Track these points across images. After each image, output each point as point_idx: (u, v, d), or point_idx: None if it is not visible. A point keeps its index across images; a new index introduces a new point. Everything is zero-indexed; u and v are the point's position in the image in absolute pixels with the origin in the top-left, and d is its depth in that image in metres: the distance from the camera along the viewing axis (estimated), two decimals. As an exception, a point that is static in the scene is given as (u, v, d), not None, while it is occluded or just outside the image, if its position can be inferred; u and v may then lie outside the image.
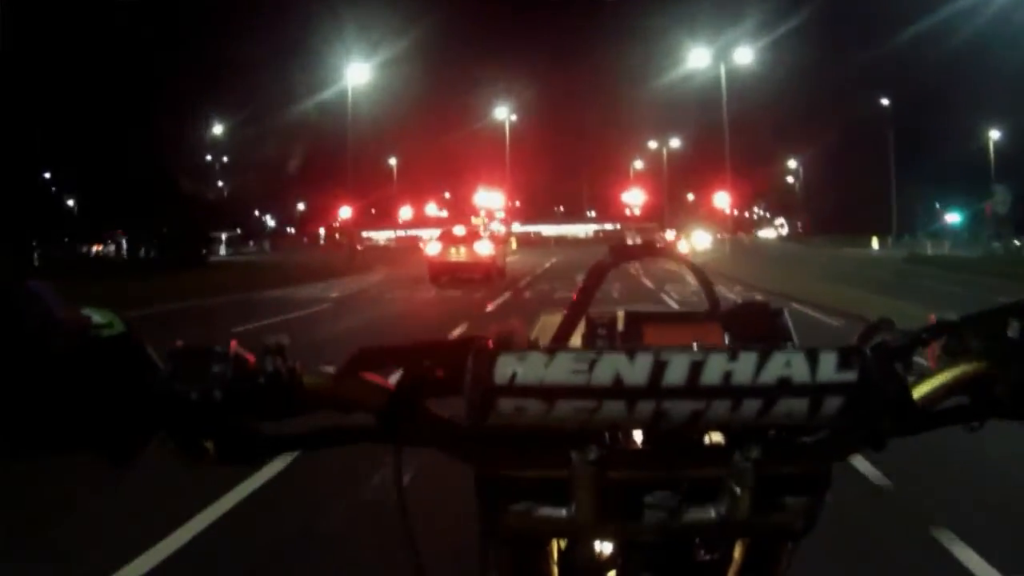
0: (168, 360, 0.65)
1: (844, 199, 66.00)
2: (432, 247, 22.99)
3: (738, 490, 0.66)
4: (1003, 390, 0.67)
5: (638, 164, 78.07)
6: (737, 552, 0.75)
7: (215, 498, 3.99)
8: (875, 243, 48.13)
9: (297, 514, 3.87)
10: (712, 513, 0.67)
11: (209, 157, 68.68)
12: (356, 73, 37.77)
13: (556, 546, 0.79)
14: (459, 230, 23.95)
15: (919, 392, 0.68)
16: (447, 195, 67.94)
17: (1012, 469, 4.38)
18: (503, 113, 57.15)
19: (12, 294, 0.59)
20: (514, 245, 55.59)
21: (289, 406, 0.67)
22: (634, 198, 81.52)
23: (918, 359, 0.70)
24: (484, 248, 22.65)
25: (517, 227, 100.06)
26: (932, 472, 4.22)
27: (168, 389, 0.64)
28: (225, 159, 69.03)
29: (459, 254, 22.48)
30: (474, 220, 23.93)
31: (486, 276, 21.83)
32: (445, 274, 21.70)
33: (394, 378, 0.69)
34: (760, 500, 0.67)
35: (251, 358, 0.67)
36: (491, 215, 64.50)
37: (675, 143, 72.54)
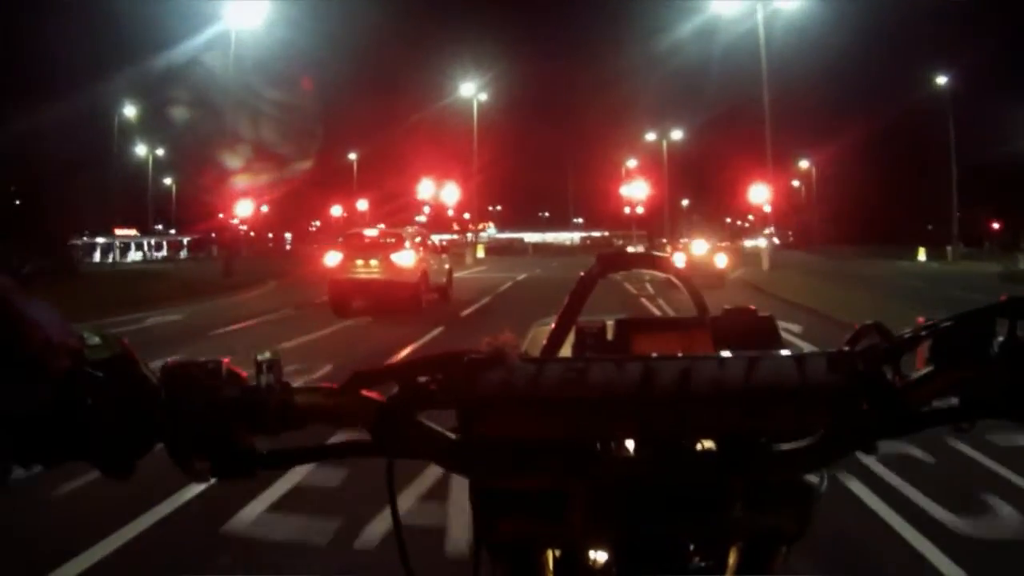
0: (162, 377, 0.65)
1: (869, 203, 58.13)
2: (331, 257, 15.49)
3: (731, 496, 0.67)
4: (993, 390, 0.66)
5: (632, 163, 67.83)
6: (732, 557, 0.75)
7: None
8: (922, 255, 40.49)
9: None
10: (705, 519, 0.68)
11: (144, 149, 61.73)
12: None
13: (551, 555, 0.78)
14: (371, 233, 16.49)
15: (909, 394, 0.67)
16: (425, 192, 59.09)
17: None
18: (469, 90, 48.29)
19: (13, 316, 0.60)
20: (480, 253, 47.91)
21: (282, 421, 0.67)
22: (636, 192, 63.08)
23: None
24: (406, 259, 15.22)
25: (491, 232, 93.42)
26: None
27: (162, 406, 0.64)
28: (160, 151, 61.84)
29: (370, 269, 15.09)
30: (407, 230, 17.18)
31: (412, 300, 14.97)
32: (351, 296, 15.05)
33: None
34: (753, 505, 0.68)
35: (243, 374, 0.67)
36: (446, 215, 56.32)
37: (676, 135, 60.77)
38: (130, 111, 52.69)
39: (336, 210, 61.58)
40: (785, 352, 0.67)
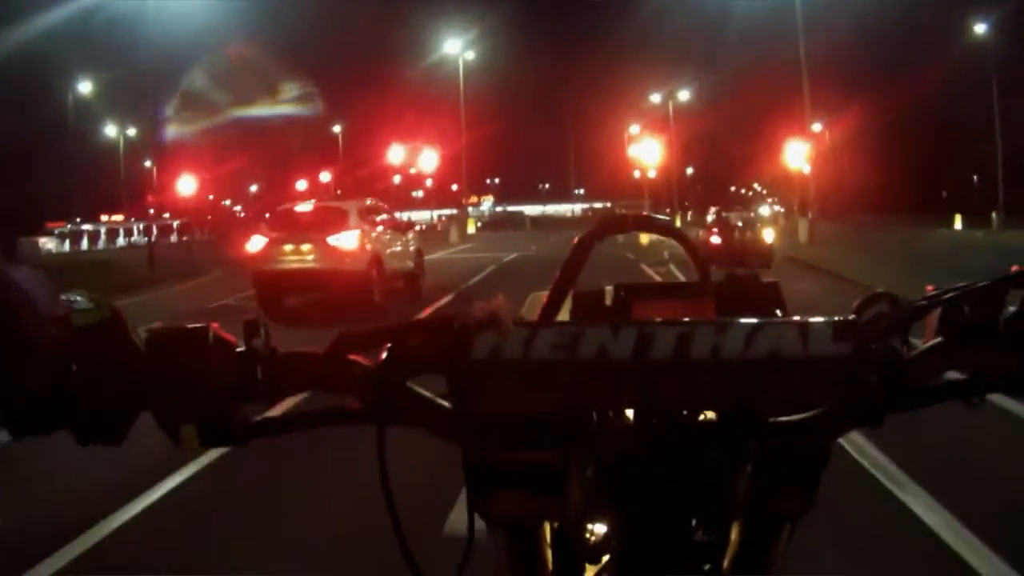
0: (147, 343, 0.64)
1: (890, 170, 53.88)
2: (254, 243, 12.05)
3: (734, 470, 0.65)
4: (1004, 364, 0.63)
5: (634, 128, 62.69)
6: (734, 533, 0.72)
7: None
8: (958, 223, 36.51)
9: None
10: (707, 493, 0.66)
11: (113, 132, 58.10)
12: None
13: (549, 528, 0.76)
14: (305, 209, 13.00)
15: (917, 366, 0.64)
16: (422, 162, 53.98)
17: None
18: (454, 48, 42.37)
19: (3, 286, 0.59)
20: (471, 228, 44.14)
21: (271, 388, 0.65)
22: (646, 154, 50.24)
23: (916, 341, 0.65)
24: (349, 241, 11.80)
25: (488, 206, 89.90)
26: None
27: (148, 372, 0.63)
28: (132, 131, 58.22)
29: (303, 256, 11.69)
30: (352, 204, 13.15)
31: (362, 292, 11.53)
32: (283, 291, 11.75)
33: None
34: (757, 480, 0.66)
35: (231, 339, 0.65)
36: (450, 190, 52.34)
37: (684, 96, 52.66)
38: (86, 87, 48.89)
39: (301, 184, 55.36)
40: (789, 317, 0.64)
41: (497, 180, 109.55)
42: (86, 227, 66.01)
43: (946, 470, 4.09)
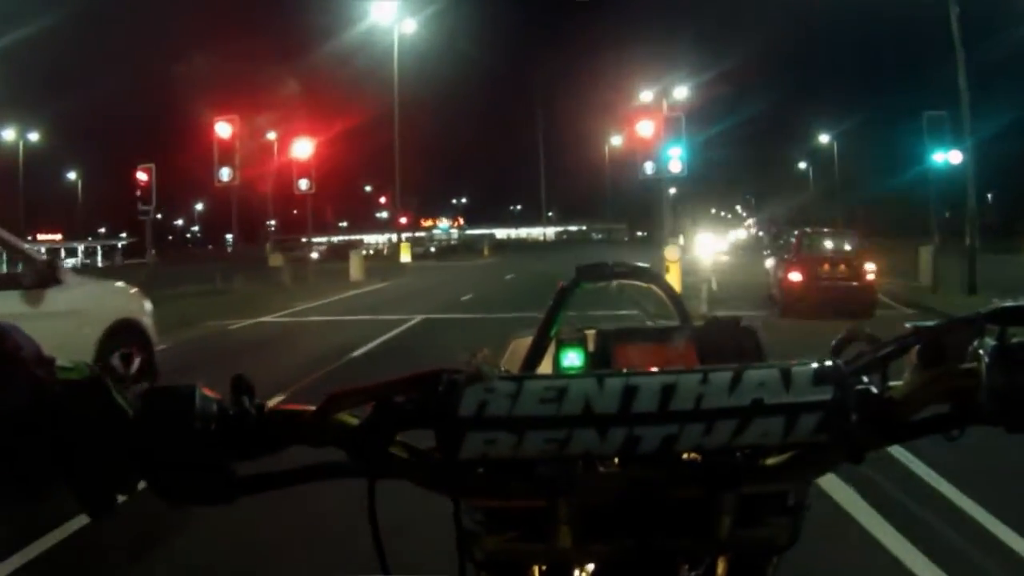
0: (137, 404, 0.64)
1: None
2: None
3: (718, 509, 0.67)
4: (983, 397, 0.65)
5: (615, 141, 53.85)
6: (720, 568, 0.75)
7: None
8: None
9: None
10: (693, 534, 0.68)
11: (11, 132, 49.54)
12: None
13: (537, 570, 0.79)
14: None
15: (897, 403, 0.67)
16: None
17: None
18: (387, 15, 31.88)
19: None
20: (405, 257, 35.35)
21: (260, 444, 0.67)
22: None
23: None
24: None
25: (443, 229, 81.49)
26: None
27: (139, 435, 0.63)
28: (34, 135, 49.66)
29: None
30: None
31: None
32: None
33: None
34: (742, 518, 0.68)
35: (219, 397, 0.67)
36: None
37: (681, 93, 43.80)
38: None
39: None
40: (770, 363, 0.65)
41: (464, 200, 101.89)
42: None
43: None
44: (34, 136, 52.63)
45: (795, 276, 13.23)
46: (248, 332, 13.22)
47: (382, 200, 66.60)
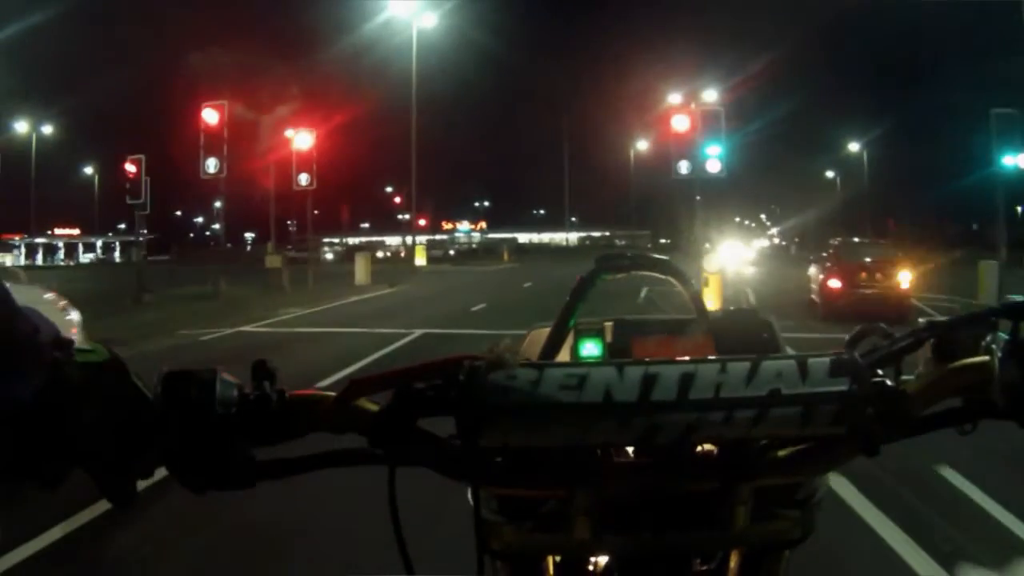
0: (158, 387, 0.65)
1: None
2: None
3: (733, 502, 0.68)
4: (995, 391, 0.65)
5: (641, 145, 51.78)
6: (733, 561, 0.75)
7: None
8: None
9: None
10: (708, 525, 0.69)
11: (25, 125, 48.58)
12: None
13: (552, 560, 0.79)
14: None
15: (911, 396, 0.67)
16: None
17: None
18: (406, 9, 30.15)
19: (11, 320, 0.60)
20: (420, 260, 33.63)
21: (280, 430, 0.67)
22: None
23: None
24: None
25: (464, 231, 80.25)
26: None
27: (158, 417, 0.64)
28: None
29: None
30: None
31: None
32: None
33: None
34: (756, 510, 0.69)
35: (239, 382, 0.67)
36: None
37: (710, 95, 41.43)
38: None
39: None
40: (788, 354, 0.65)
41: (487, 203, 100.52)
42: (38, 241, 59.28)
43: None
44: (48, 129, 51.79)
45: (834, 283, 14.00)
46: (219, 344, 11.56)
47: (396, 200, 65.00)
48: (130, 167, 19.40)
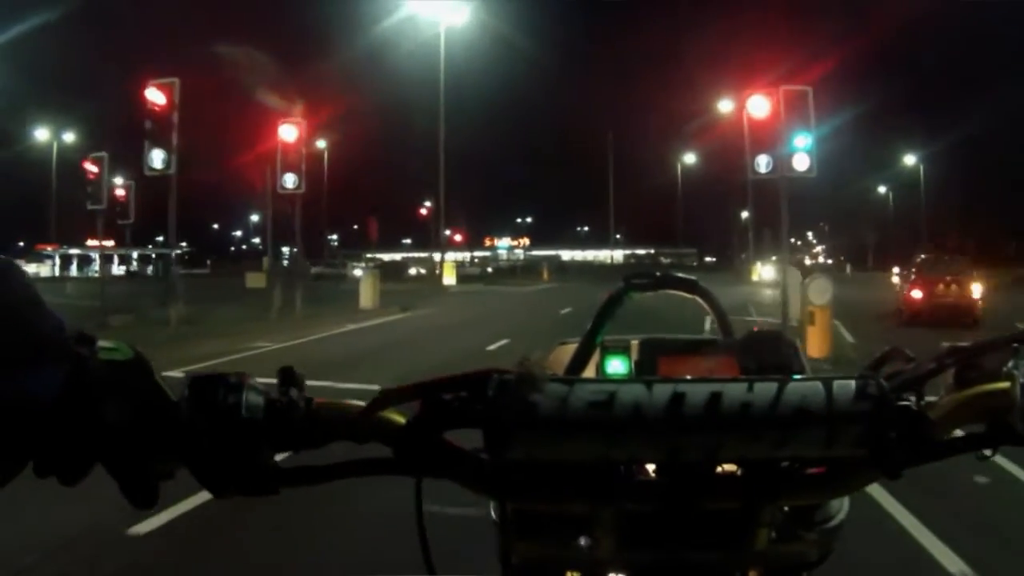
0: (185, 390, 0.64)
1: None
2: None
3: (754, 522, 0.69)
4: (1016, 417, 0.65)
5: (689, 159, 48.67)
6: None
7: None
8: None
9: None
10: (727, 545, 0.70)
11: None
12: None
13: None
14: None
15: (933, 421, 0.67)
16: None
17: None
18: (432, 10, 28.74)
19: (24, 295, 0.60)
20: (449, 279, 30.15)
21: (306, 438, 0.67)
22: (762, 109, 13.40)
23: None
24: None
25: (502, 247, 77.34)
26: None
27: (184, 420, 0.63)
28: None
29: None
30: None
31: None
32: None
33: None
34: (777, 532, 0.70)
35: (266, 388, 0.67)
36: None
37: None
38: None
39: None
40: (813, 376, 0.66)
41: (529, 219, 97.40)
42: (73, 251, 57.92)
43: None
44: (69, 137, 49.87)
45: (916, 293, 16.48)
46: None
47: (423, 212, 61.63)
48: (91, 167, 16.44)
